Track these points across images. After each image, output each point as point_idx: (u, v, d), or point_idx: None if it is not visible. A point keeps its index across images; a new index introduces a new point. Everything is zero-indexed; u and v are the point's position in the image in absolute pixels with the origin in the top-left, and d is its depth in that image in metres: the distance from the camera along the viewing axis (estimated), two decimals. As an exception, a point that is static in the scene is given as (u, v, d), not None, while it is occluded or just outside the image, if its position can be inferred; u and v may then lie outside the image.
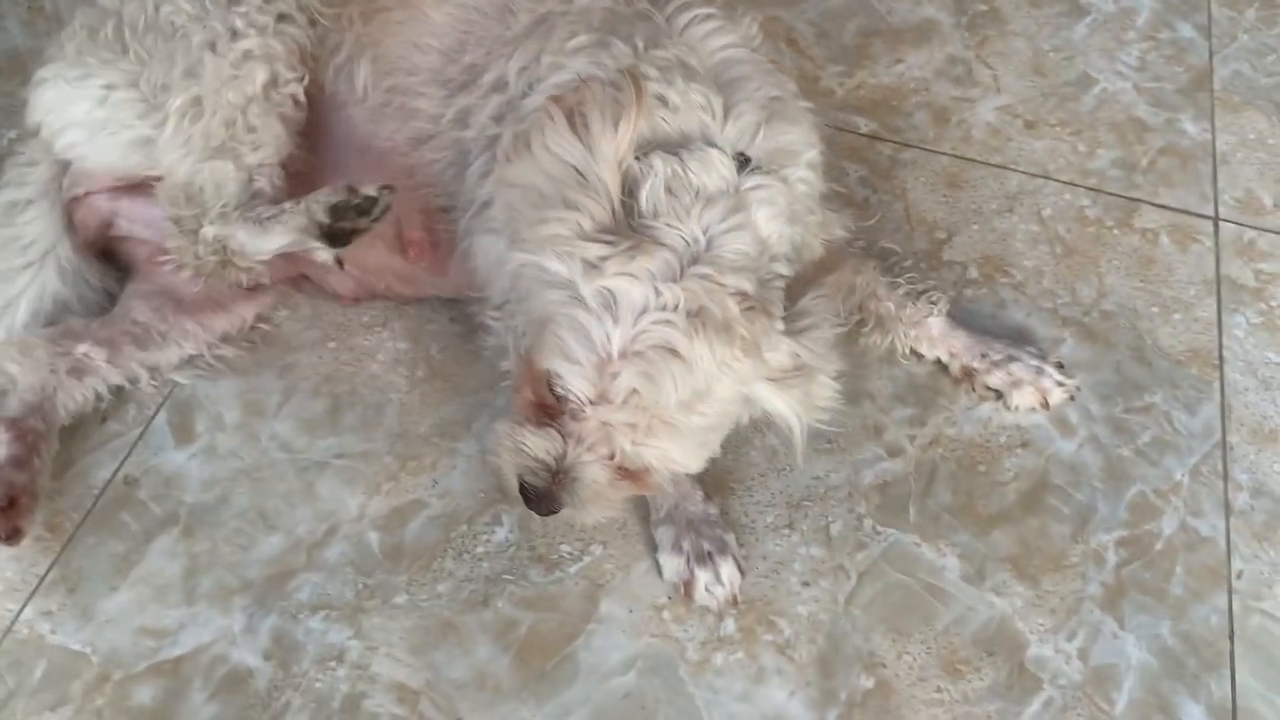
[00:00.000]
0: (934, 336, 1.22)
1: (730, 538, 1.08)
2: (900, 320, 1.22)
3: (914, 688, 1.00)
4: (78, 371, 1.15)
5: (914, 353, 1.23)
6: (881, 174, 1.42)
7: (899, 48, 1.58)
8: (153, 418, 1.19)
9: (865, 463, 1.15)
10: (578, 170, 0.93)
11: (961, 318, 1.24)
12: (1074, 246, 1.34)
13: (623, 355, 0.89)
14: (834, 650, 1.02)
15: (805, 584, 1.07)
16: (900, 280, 1.23)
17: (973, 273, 1.31)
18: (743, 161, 0.97)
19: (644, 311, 0.89)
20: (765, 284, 0.96)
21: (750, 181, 0.96)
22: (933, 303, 1.22)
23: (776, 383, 0.95)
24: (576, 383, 0.90)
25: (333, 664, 1.02)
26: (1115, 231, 1.35)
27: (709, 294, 0.90)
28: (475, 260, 1.13)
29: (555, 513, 0.98)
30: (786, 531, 1.10)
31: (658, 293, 0.89)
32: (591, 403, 0.90)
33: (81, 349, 1.15)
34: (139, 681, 1.01)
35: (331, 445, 1.17)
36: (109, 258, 1.26)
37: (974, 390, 1.20)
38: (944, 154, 1.45)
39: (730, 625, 1.04)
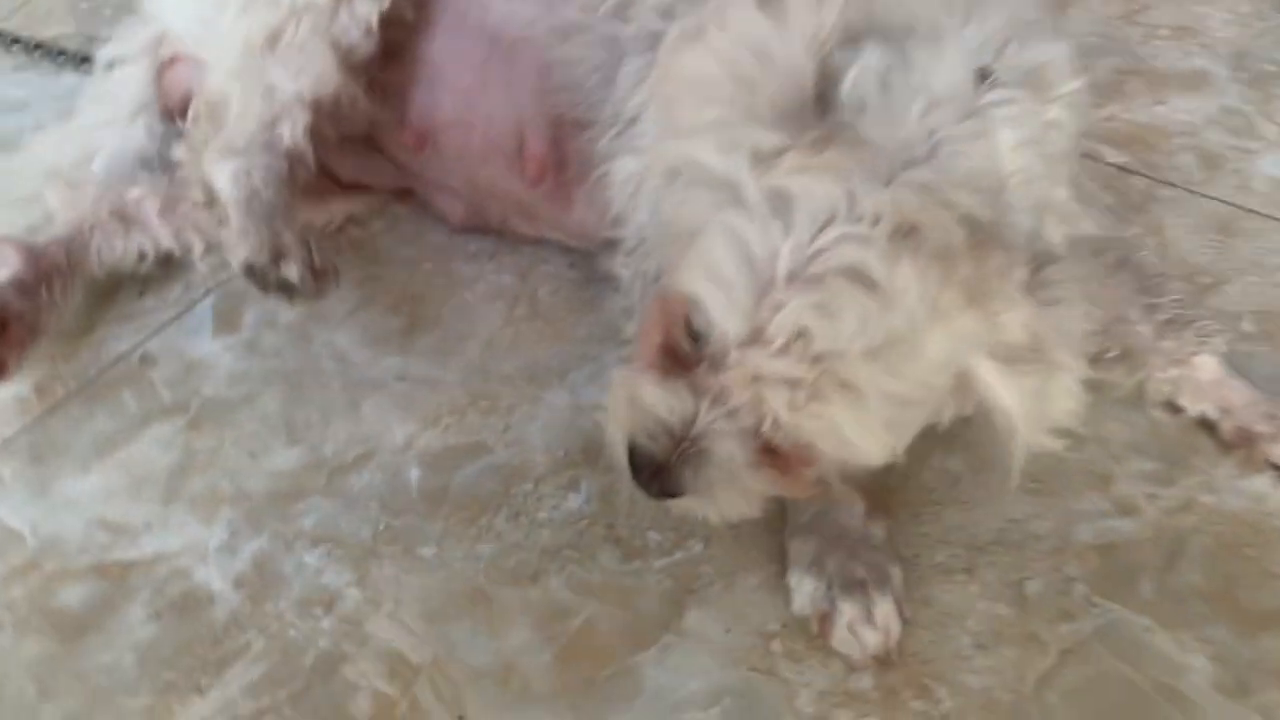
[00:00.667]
0: (1202, 383, 0.89)
1: (896, 571, 0.77)
2: (1158, 353, 0.90)
3: (1132, 822, 0.65)
4: (124, 218, 0.96)
5: (1169, 403, 0.91)
6: (1132, 206, 1.13)
7: (1161, 90, 1.31)
8: (198, 301, 0.98)
9: (1084, 515, 0.83)
10: (762, 50, 0.69)
11: (1236, 371, 0.92)
12: (1388, 319, 1.00)
13: (791, 279, 0.61)
14: (1014, 744, 0.69)
15: (981, 647, 0.74)
16: (1162, 302, 0.92)
17: (1247, 326, 0.99)
18: (983, 76, 0.70)
19: (830, 222, 0.62)
20: (1004, 229, 0.69)
21: (993, 95, 0.69)
22: (1205, 338, 0.91)
23: (1005, 363, 0.66)
24: (722, 312, 0.63)
25: (318, 611, 0.76)
26: None
27: (927, 210, 0.62)
28: (611, 190, 0.89)
29: (671, 495, 0.69)
30: (962, 578, 0.79)
31: (852, 199, 0.61)
32: (741, 344, 0.62)
33: (134, 194, 0.96)
34: (74, 579, 0.77)
35: (394, 365, 0.93)
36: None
37: (1252, 461, 0.86)
38: (1213, 198, 1.15)
39: (866, 679, 0.73)
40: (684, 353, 0.67)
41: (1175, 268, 1.05)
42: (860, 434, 0.63)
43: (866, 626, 0.72)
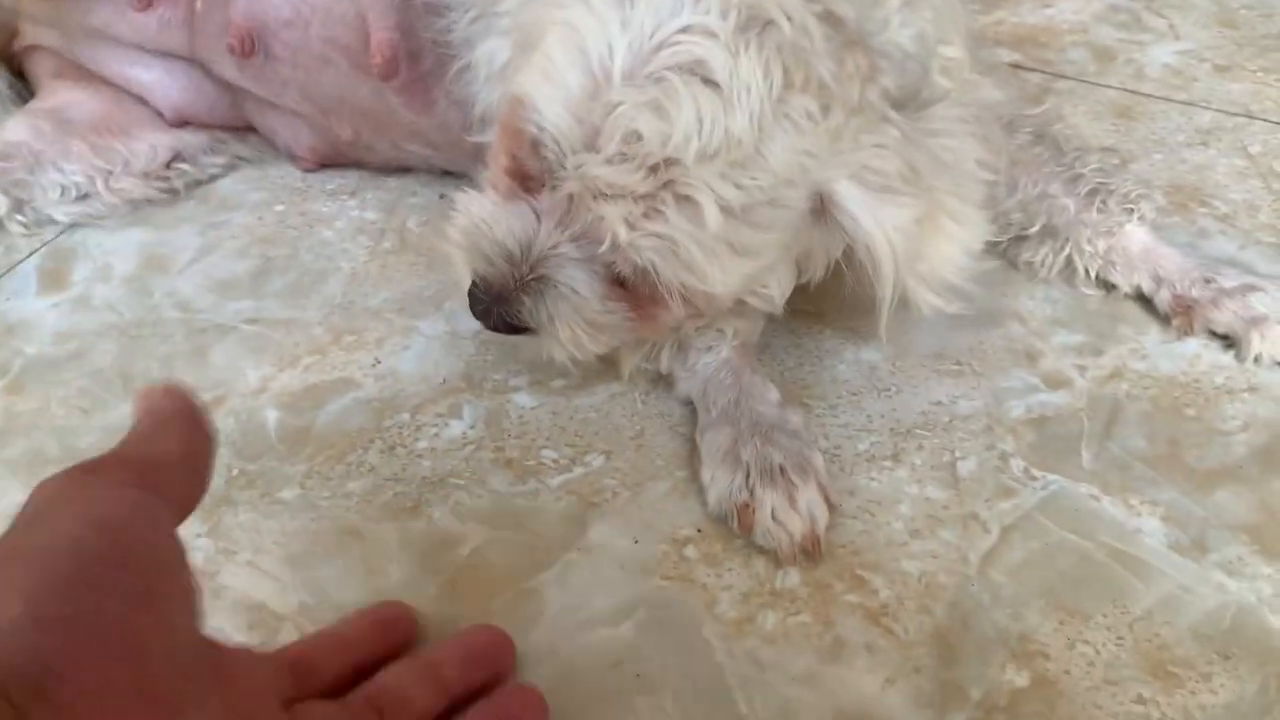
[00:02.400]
0: (1133, 253, 0.83)
1: (817, 456, 0.69)
2: (1085, 226, 0.84)
3: (1096, 692, 0.58)
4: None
5: (1100, 279, 0.85)
6: (1030, 99, 1.08)
7: (1046, -4, 1.27)
8: (20, 262, 0.87)
9: (1012, 392, 0.77)
10: None
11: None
12: (1299, 185, 0.97)
13: (628, 78, 0.55)
14: (961, 628, 0.61)
15: (916, 533, 0.67)
16: (1084, 173, 0.86)
17: (1160, 200, 0.94)
18: None
19: (672, 14, 0.55)
20: (875, 38, 0.62)
21: None
22: (1132, 205, 0.85)
23: (869, 189, 0.60)
24: (555, 114, 0.57)
25: (162, 567, 0.65)
26: (1353, 175, 0.98)
27: (784, 3, 0.56)
28: (476, 84, 0.81)
29: (512, 329, 0.64)
30: (889, 464, 0.71)
31: None
32: (574, 150, 0.56)
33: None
34: None
35: (245, 308, 0.83)
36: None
37: (1191, 331, 0.80)
38: (1110, 87, 1.11)
39: (793, 576, 0.64)
40: (531, 173, 0.60)
41: (1072, 145, 1.00)
42: (702, 255, 0.57)
43: (791, 513, 0.64)
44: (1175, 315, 0.81)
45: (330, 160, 0.95)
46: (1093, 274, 0.85)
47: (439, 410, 0.75)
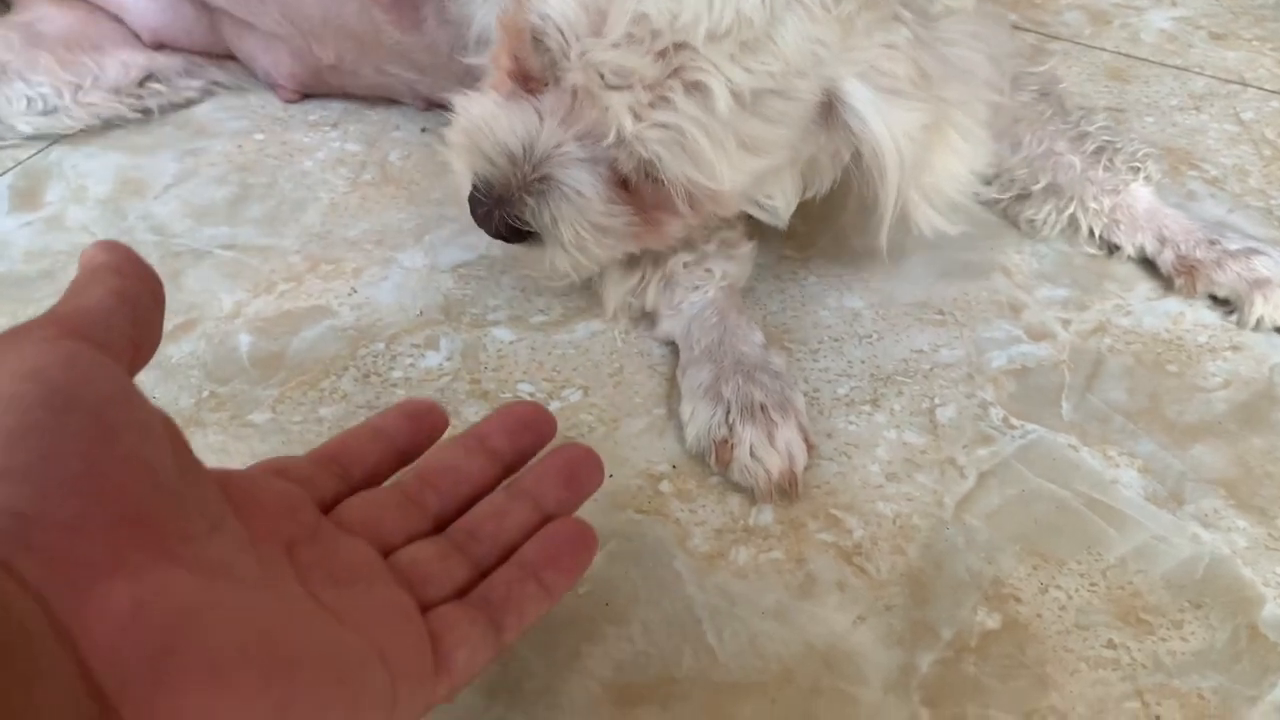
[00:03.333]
0: (1138, 213, 0.82)
1: (799, 397, 0.69)
2: (1090, 184, 0.83)
3: (1067, 636, 0.58)
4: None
5: (1104, 240, 0.84)
6: (1025, 58, 1.06)
7: (1045, -41, 1.26)
8: (-8, 181, 0.85)
9: (995, 343, 0.76)
10: None
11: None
12: (1289, 152, 0.96)
13: None
14: (934, 569, 0.61)
15: (892, 476, 0.66)
16: (1090, 130, 0.85)
17: (1157, 154, 0.93)
18: None
19: None
20: None
21: None
22: (1138, 164, 0.84)
23: (877, 88, 0.58)
24: (559, 2, 0.54)
25: (126, 485, 0.63)
26: (1345, 144, 0.98)
27: None
28: (471, 4, 0.79)
29: (514, 234, 0.62)
30: (868, 409, 0.71)
31: None
32: (579, 37, 0.54)
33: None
34: None
35: (221, 234, 0.82)
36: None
37: (1193, 292, 0.80)
38: (1104, 50, 1.10)
39: (767, 514, 0.64)
40: (533, 71, 0.59)
41: (1077, 104, 0.99)
42: (710, 146, 0.55)
43: (770, 450, 0.63)
44: (1178, 276, 0.81)
45: (311, 88, 0.93)
46: (1097, 233, 0.84)
47: (415, 341, 0.74)
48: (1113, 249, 0.84)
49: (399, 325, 0.75)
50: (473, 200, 0.62)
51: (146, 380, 0.70)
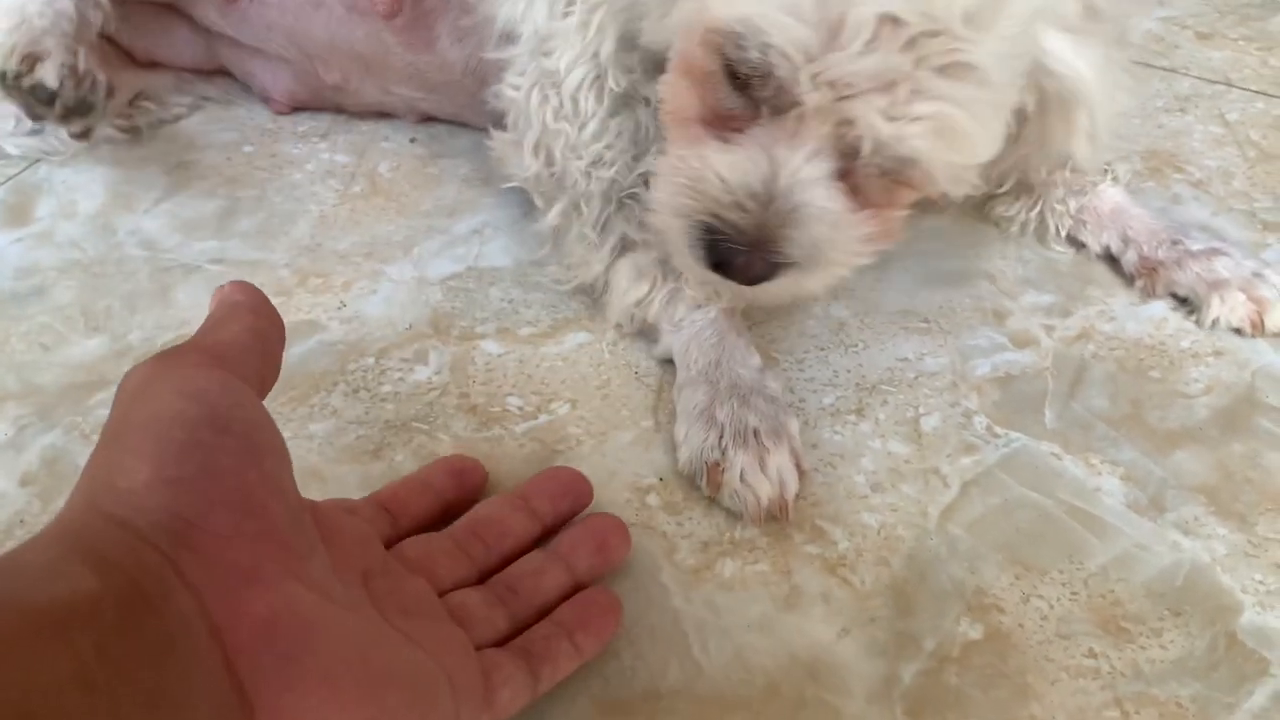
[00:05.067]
0: (1103, 213, 0.83)
1: (792, 423, 0.69)
2: (1058, 184, 0.84)
3: (1048, 646, 0.59)
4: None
5: (1070, 238, 0.85)
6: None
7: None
8: (-17, 197, 0.85)
9: (979, 350, 0.77)
10: None
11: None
12: (1273, 153, 0.97)
13: None
14: (918, 580, 0.62)
15: (877, 486, 0.67)
16: None
17: (1136, 163, 0.94)
18: None
19: None
20: None
21: None
22: (1106, 165, 0.85)
23: (1069, 31, 0.57)
24: (780, 26, 0.52)
25: (119, 504, 0.64)
26: (1330, 145, 0.98)
27: None
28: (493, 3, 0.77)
29: (769, 275, 0.60)
30: (853, 419, 0.71)
31: None
32: (811, 58, 0.52)
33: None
34: None
35: (210, 249, 0.82)
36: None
37: (1154, 293, 0.81)
38: (1092, 51, 1.11)
39: (753, 527, 0.64)
40: (733, 111, 0.57)
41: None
42: (971, 124, 0.53)
43: (760, 476, 0.64)
44: (1140, 276, 0.82)
45: (308, 104, 0.94)
46: (1063, 232, 0.85)
47: (404, 355, 0.75)
48: (1080, 246, 0.85)
49: (388, 339, 0.76)
50: (724, 251, 0.59)
51: (138, 398, 0.71)
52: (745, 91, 0.57)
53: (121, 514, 0.33)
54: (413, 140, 0.94)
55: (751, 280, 0.61)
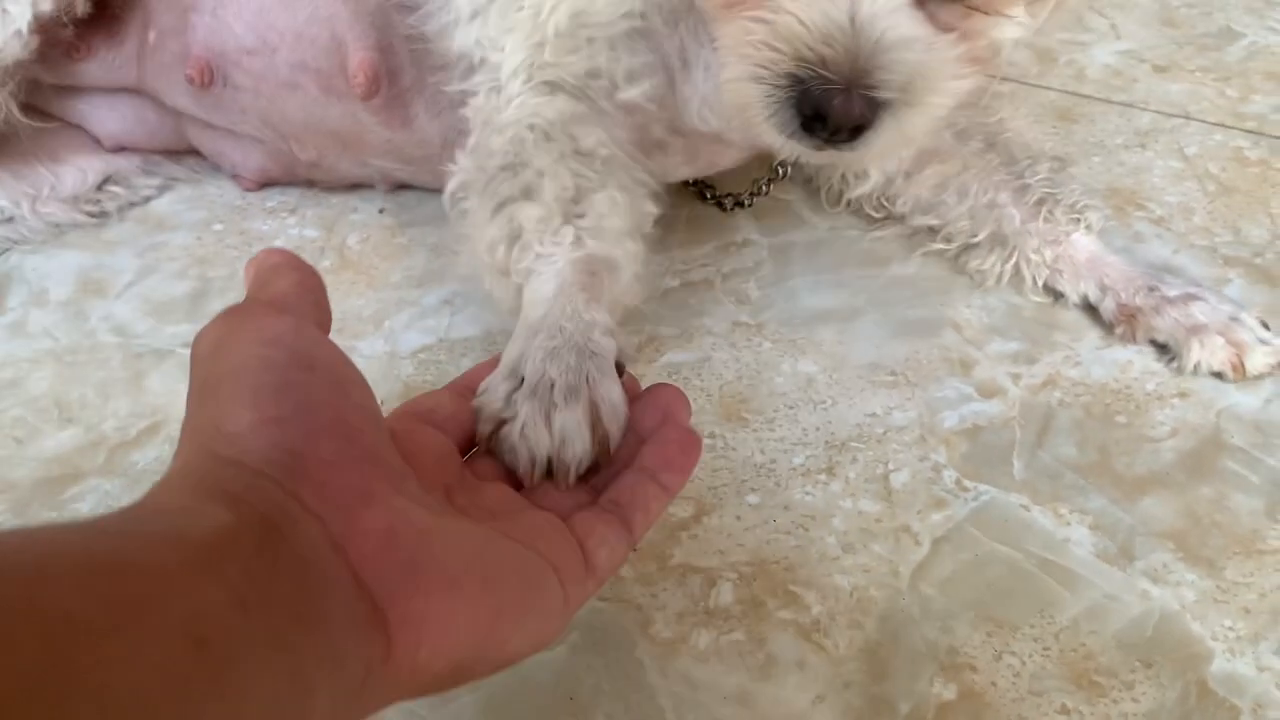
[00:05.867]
0: (1079, 262, 0.84)
1: (606, 385, 0.60)
2: (1032, 235, 0.85)
3: (1021, 704, 0.59)
4: None
5: (1048, 287, 0.86)
6: (970, 104, 1.08)
7: (991, -4, 1.28)
8: (-45, 289, 0.86)
9: (946, 402, 0.78)
10: None
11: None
12: (1232, 186, 0.98)
13: None
14: (891, 641, 0.62)
15: (849, 547, 0.67)
16: (1032, 183, 0.87)
17: (1105, 210, 0.95)
18: None
19: None
20: None
21: None
22: (1078, 215, 0.86)
23: None
24: None
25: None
26: (1287, 174, 1.00)
27: None
28: (453, 33, 0.77)
29: (871, 117, 0.58)
30: (822, 478, 0.72)
31: None
32: None
33: None
34: None
35: (183, 332, 0.83)
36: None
37: (1134, 339, 0.82)
38: (1051, 89, 1.12)
39: (726, 593, 0.65)
40: None
41: (1023, 146, 1.01)
42: None
43: (542, 430, 0.56)
44: (1119, 323, 0.82)
45: (280, 180, 0.95)
46: (1040, 282, 0.86)
47: (377, 432, 0.75)
48: (1057, 295, 0.85)
49: (361, 417, 0.76)
50: (820, 98, 0.56)
51: (113, 489, 0.71)
52: None
53: (234, 455, 0.36)
54: (381, 211, 0.95)
55: (854, 127, 0.58)
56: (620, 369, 0.64)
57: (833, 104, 0.57)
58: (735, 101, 0.62)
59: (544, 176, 0.70)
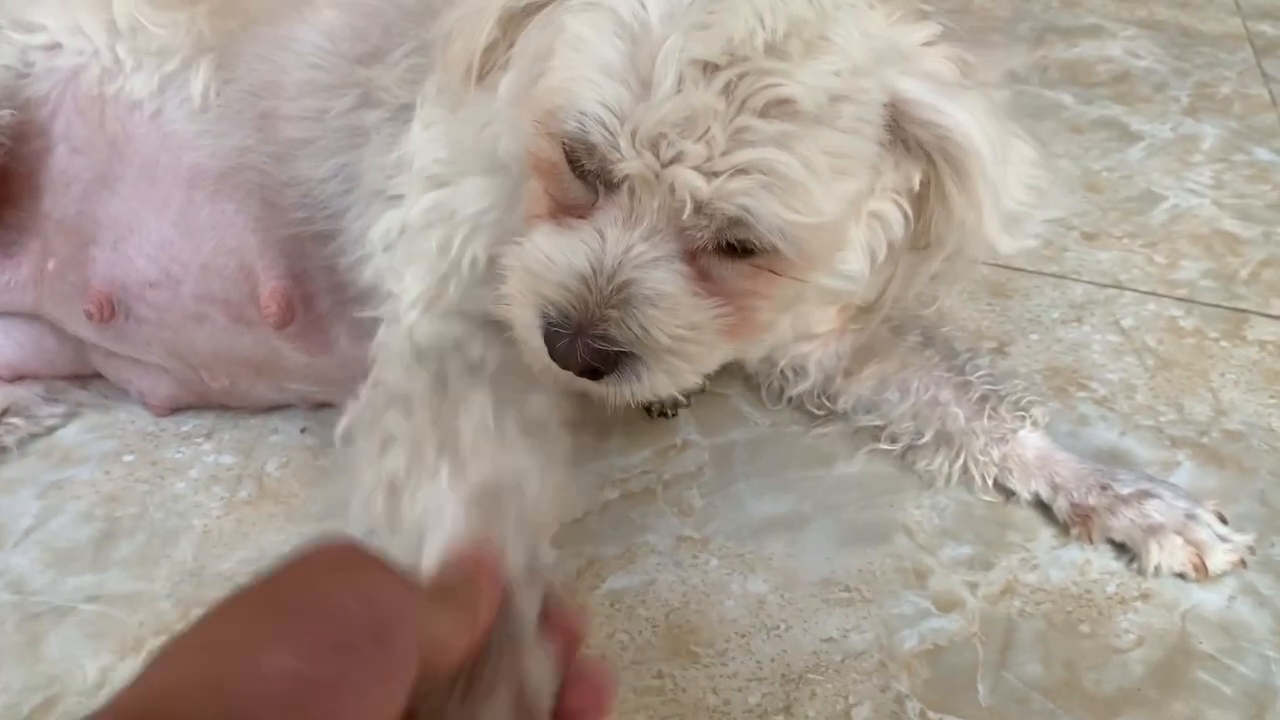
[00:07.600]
0: (1028, 460, 0.82)
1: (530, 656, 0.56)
2: (977, 434, 0.82)
3: None
4: None
5: (998, 486, 0.83)
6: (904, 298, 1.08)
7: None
8: None
9: (904, 620, 0.74)
10: None
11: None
12: (1171, 359, 0.98)
13: (666, 18, 0.52)
14: None
15: (812, 801, 0.62)
16: (973, 379, 0.85)
17: (1038, 385, 0.94)
18: None
19: None
20: None
21: None
22: (1023, 411, 0.84)
23: (939, 85, 0.57)
24: (594, 92, 0.53)
25: None
26: (1223, 344, 1.00)
27: None
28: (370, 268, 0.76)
29: (604, 368, 0.58)
30: (780, 718, 0.67)
31: None
32: (626, 116, 0.52)
33: None
34: None
35: (85, 584, 0.77)
36: None
37: (1090, 540, 0.79)
38: (985, 264, 1.12)
39: None
40: (576, 198, 0.57)
41: (962, 338, 1.00)
42: (800, 168, 0.52)
43: None
44: (1074, 524, 0.80)
45: (192, 406, 0.90)
46: (989, 481, 0.83)
47: (297, 693, 0.69)
48: (1009, 494, 0.83)
49: (279, 675, 0.70)
50: (551, 336, 0.57)
51: (0, 782, 0.65)
52: (584, 176, 0.56)
53: (244, 698, 0.32)
54: (303, 430, 0.90)
55: (585, 371, 0.58)
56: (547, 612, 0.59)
57: (557, 346, 0.58)
58: (513, 320, 0.61)
59: (414, 402, 0.64)
